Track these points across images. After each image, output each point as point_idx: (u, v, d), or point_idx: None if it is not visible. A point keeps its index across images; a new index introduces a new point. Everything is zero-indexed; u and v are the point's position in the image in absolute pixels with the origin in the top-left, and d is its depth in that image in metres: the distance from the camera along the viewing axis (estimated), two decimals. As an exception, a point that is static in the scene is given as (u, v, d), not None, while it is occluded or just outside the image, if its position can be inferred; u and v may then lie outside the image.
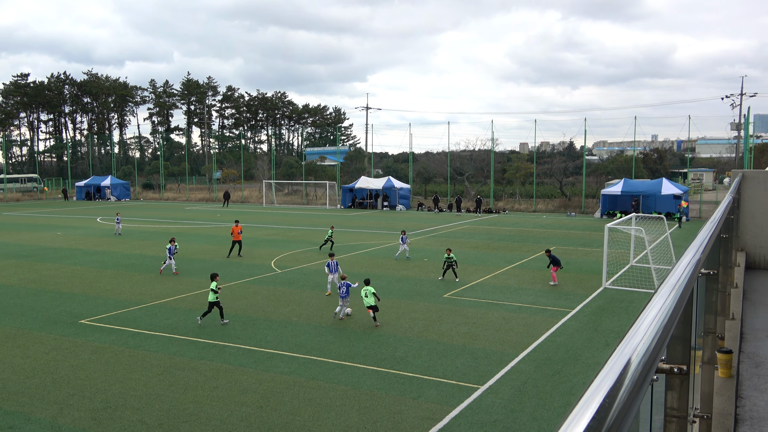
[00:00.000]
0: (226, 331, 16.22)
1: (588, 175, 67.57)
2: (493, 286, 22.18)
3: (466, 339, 15.54)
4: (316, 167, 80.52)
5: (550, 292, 21.28)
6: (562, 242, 35.10)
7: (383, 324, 16.85)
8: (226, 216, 52.88)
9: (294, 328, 16.49)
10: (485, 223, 47.47)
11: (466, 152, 79.11)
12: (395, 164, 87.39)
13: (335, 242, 29.75)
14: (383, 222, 47.42)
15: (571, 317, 17.72)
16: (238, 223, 31.17)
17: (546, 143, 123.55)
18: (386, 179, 62.70)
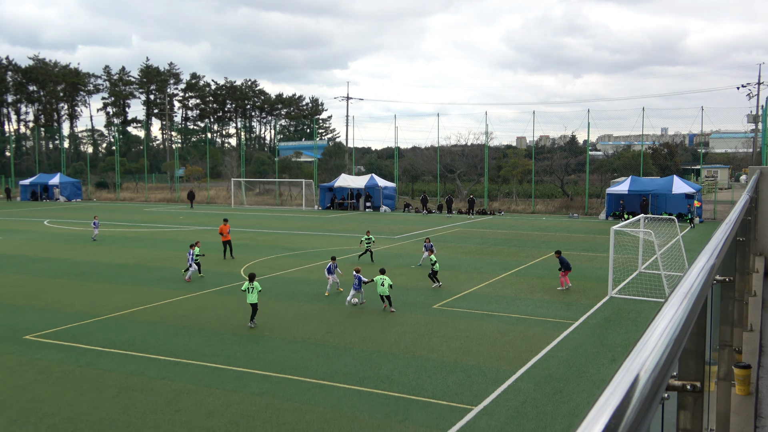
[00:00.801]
0: (190, 347, 16.12)
1: (592, 172, 68.11)
2: (488, 296, 22.25)
3: (458, 354, 15.57)
4: (291, 164, 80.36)
5: (550, 301, 21.39)
6: (563, 246, 35.32)
7: (366, 339, 16.85)
8: (190, 218, 52.59)
9: (266, 344, 16.43)
10: (479, 225, 47.65)
11: (458, 147, 79.36)
12: (379, 161, 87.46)
13: (370, 249, 29.38)
14: (366, 225, 47.42)
15: (574, 329, 17.82)
16: (226, 221, 31.42)
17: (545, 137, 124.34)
18: (369, 177, 62.74)
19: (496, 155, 74.51)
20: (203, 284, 24.18)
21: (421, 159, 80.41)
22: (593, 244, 36.37)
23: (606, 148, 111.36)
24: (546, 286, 24.08)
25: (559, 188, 71.03)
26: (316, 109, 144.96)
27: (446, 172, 72.40)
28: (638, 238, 28.46)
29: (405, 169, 75.98)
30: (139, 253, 32.56)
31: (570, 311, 20.05)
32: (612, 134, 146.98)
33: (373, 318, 19.05)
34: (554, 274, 26.48)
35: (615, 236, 23.25)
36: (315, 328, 17.85)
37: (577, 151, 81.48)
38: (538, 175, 71.41)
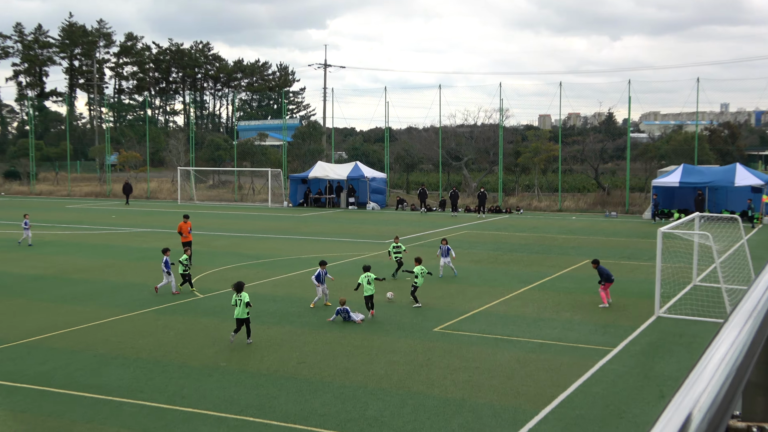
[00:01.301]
0: (124, 382, 16.07)
1: (633, 159, 68.43)
2: (503, 316, 22.29)
3: (465, 390, 15.60)
4: (254, 149, 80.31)
5: (582, 323, 21.46)
6: (598, 254, 35.42)
7: (349, 371, 16.85)
8: (125, 217, 52.45)
9: (222, 377, 16.40)
10: (491, 226, 47.75)
11: (465, 128, 79.55)
12: (365, 145, 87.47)
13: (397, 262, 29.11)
14: (349, 226, 47.42)
15: (612, 358, 17.88)
16: (187, 219, 31.62)
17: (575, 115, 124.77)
18: (353, 166, 62.80)
19: (513, 138, 74.80)
20: (141, 301, 24.11)
21: (418, 143, 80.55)
22: (636, 250, 36.49)
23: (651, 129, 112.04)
24: (576, 303, 24.14)
25: (592, 180, 71.32)
26: (285, 79, 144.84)
27: (450, 160, 72.54)
28: (692, 242, 28.59)
29: (398, 155, 76.09)
30: (60, 261, 32.41)
31: (607, 335, 20.12)
32: (659, 112, 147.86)
33: (359, 344, 19.04)
34: (587, 287, 26.55)
35: (663, 240, 23.34)
36: (284, 357, 17.83)
37: (616, 132, 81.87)
38: (566, 163, 71.60)
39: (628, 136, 62.40)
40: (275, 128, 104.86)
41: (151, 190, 76.51)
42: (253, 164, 78.85)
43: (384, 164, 69.67)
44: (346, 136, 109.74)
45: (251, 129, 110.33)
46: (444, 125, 71.94)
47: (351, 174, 61.55)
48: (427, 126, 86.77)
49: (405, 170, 77.97)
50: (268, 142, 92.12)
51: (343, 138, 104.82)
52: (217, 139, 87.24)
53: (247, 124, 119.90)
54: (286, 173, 69.47)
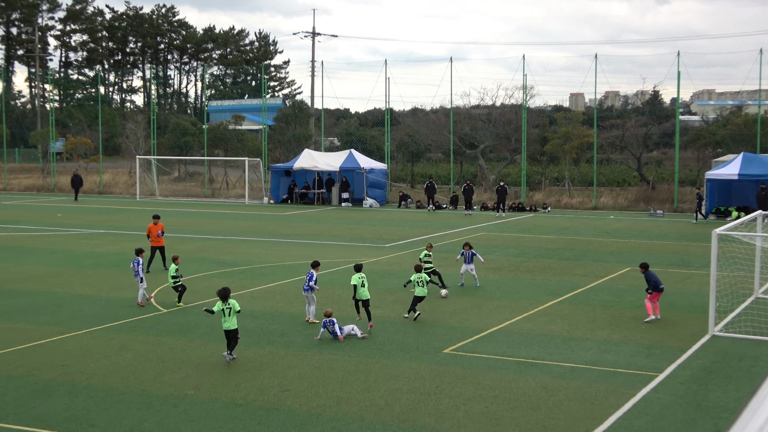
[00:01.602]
0: (72, 413, 16.05)
1: (684, 147, 68.40)
2: (527, 335, 22.28)
3: (481, 424, 15.61)
4: (228, 134, 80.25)
5: (621, 343, 21.45)
6: (642, 260, 35.35)
7: (342, 400, 16.84)
8: (73, 215, 52.44)
9: (189, 408, 16.39)
10: (513, 227, 47.75)
11: (481, 109, 79.51)
12: (361, 130, 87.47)
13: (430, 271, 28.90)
14: (342, 227, 47.41)
15: (657, 385, 17.87)
16: (158, 219, 31.98)
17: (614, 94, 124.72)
18: (347, 155, 62.82)
19: (539, 121, 74.75)
20: (94, 317, 24.09)
21: (425, 127, 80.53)
22: (686, 256, 36.46)
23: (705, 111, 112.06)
24: (615, 319, 24.13)
25: (634, 171, 71.30)
26: (265, 51, 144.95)
27: (464, 148, 72.56)
28: (754, 246, 28.57)
29: (401, 142, 76.10)
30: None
31: (651, 358, 20.10)
32: (714, 90, 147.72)
33: (353, 368, 19.03)
34: (627, 300, 26.55)
35: (719, 244, 23.32)
36: (264, 385, 17.83)
37: (662, 115, 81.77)
38: (603, 151, 71.59)
39: (677, 119, 62.33)
40: (253, 109, 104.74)
41: (105, 183, 76.47)
42: (227, 152, 78.77)
43: (384, 153, 69.68)
44: (339, 118, 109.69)
45: (224, 110, 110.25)
46: (456, 106, 72.00)
47: (344, 164, 61.55)
48: (436, 107, 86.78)
49: (409, 160, 77.99)
50: (244, 125, 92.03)
51: (335, 121, 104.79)
52: (183, 123, 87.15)
53: (220, 105, 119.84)
54: (267, 163, 69.44)
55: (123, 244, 39.21)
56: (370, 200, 61.05)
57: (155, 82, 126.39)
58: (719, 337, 22.06)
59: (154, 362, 19.52)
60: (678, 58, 58.13)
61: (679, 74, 58.39)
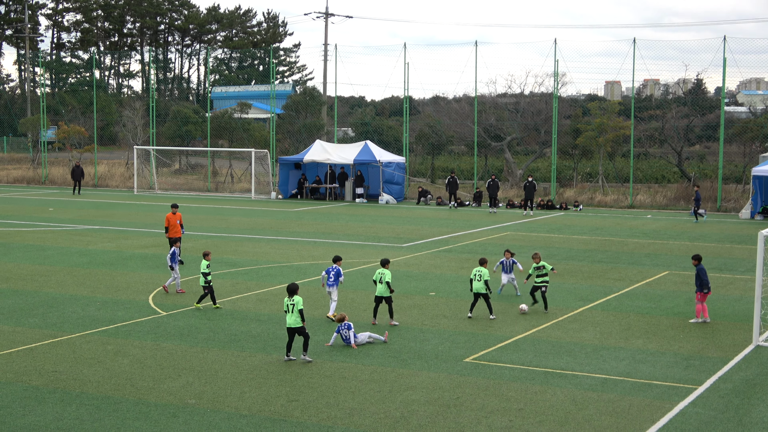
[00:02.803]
0: (64, 423, 16.12)
1: (729, 140, 68.13)
2: (555, 343, 22.28)
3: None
4: (233, 123, 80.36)
5: (658, 353, 21.42)
6: (681, 264, 35.31)
7: (354, 412, 16.88)
8: (68, 211, 52.58)
9: (189, 418, 16.47)
10: (542, 227, 47.66)
11: (508, 98, 79.37)
12: (378, 119, 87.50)
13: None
14: (356, 225, 47.42)
15: (696, 399, 17.84)
16: (176, 209, 32.52)
17: (653, 83, 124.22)
18: (362, 146, 62.80)
19: (571, 112, 74.57)
20: (88, 320, 24.19)
21: (447, 117, 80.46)
22: (729, 259, 36.34)
23: (753, 101, 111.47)
24: (651, 327, 24.09)
25: (674, 167, 71.04)
26: (274, 33, 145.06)
27: (489, 140, 72.48)
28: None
29: (421, 133, 76.04)
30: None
31: (690, 369, 20.08)
32: (763, 78, 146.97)
33: (367, 377, 19.07)
34: (665, 307, 26.50)
35: (766, 246, 23.25)
36: (271, 394, 17.89)
37: (706, 105, 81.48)
38: (641, 144, 71.34)
39: (722, 111, 62.07)
40: (261, 96, 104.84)
41: (100, 175, 76.68)
42: (232, 143, 78.93)
43: (402, 145, 69.60)
44: (353, 107, 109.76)
45: (230, 97, 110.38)
46: (481, 94, 71.95)
47: (359, 157, 61.56)
48: (459, 95, 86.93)
49: (429, 153, 77.93)
50: (251, 114, 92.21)
51: (349, 110, 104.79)
52: (185, 110, 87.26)
53: (225, 91, 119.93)
54: (275, 155, 69.50)
55: (119, 242, 39.35)
56: (386, 196, 61.04)
57: (155, 66, 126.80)
58: (764, 347, 22.00)
59: (153, 369, 19.59)
60: (724, 44, 57.91)
61: (725, 61, 58.16)
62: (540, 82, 77.79)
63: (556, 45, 62.68)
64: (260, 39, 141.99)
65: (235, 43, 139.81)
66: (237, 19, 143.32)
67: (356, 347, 21.45)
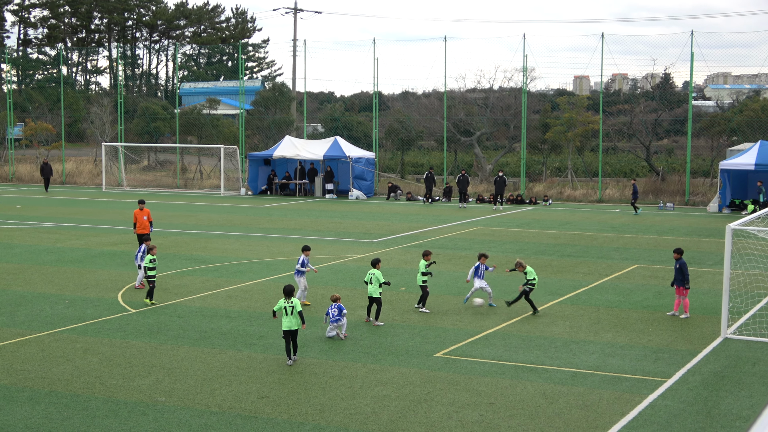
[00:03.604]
0: (33, 421, 16.04)
1: (697, 134, 68.55)
2: (525, 337, 22.35)
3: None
4: (202, 119, 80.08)
5: (627, 346, 21.53)
6: (649, 257, 35.51)
7: (325, 408, 16.87)
8: (35, 208, 52.25)
9: (159, 416, 16.41)
10: (511, 222, 47.79)
11: (478, 93, 79.48)
12: (347, 115, 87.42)
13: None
14: (326, 221, 47.39)
15: (665, 392, 17.95)
16: (143, 205, 32.60)
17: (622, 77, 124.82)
18: (331, 142, 62.73)
19: (540, 106, 74.83)
20: (55, 318, 24.04)
21: (416, 112, 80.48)
22: (698, 253, 36.57)
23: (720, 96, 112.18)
24: (620, 320, 24.21)
25: (642, 161, 71.42)
26: (243, 28, 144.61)
27: (458, 135, 72.59)
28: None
29: (390, 128, 76.08)
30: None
31: (659, 362, 20.19)
32: (730, 73, 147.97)
33: (338, 373, 19.06)
34: (634, 300, 26.66)
35: (733, 240, 23.40)
36: (241, 391, 17.85)
37: (674, 100, 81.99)
38: (609, 139, 71.67)
39: (689, 105, 62.40)
40: (229, 92, 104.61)
41: (68, 172, 76.24)
42: (201, 139, 78.62)
43: (372, 140, 69.59)
44: (323, 102, 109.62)
45: (198, 93, 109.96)
46: (450, 89, 72.03)
47: (329, 153, 61.49)
48: (429, 90, 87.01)
49: (399, 148, 77.95)
50: (220, 110, 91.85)
51: (318, 106, 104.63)
52: (153, 107, 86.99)
53: (193, 87, 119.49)
54: (244, 151, 69.35)
55: (87, 239, 39.14)
56: (356, 192, 61.04)
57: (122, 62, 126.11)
58: (732, 340, 22.16)
59: (122, 366, 19.51)
60: (692, 38, 58.26)
61: (693, 55, 58.51)
62: (509, 77, 78.15)
63: (525, 40, 62.84)
64: (229, 35, 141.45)
65: (204, 39, 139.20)
66: (205, 15, 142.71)
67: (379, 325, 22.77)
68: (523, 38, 62.81)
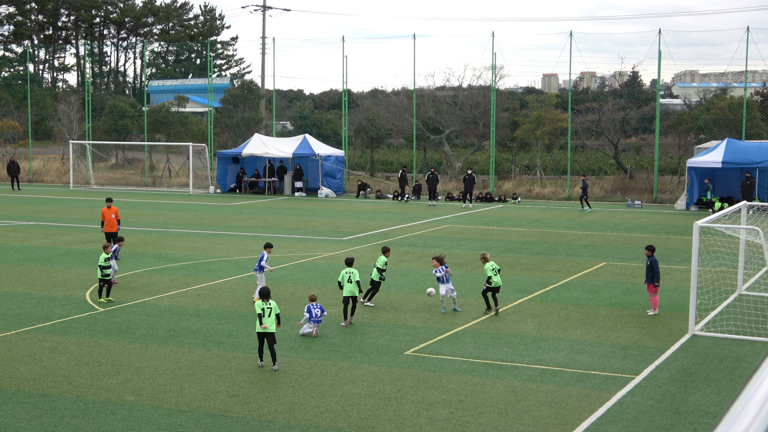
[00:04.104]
0: (0, 420, 15.93)
1: (665, 132, 68.94)
2: (495, 335, 22.41)
3: (446, 431, 15.70)
4: (170, 117, 79.72)
5: (596, 343, 21.63)
6: (618, 255, 35.70)
7: (295, 407, 16.85)
8: (1, 206, 51.91)
9: (128, 415, 16.33)
10: (480, 219, 47.90)
11: (447, 91, 79.54)
12: (317, 113, 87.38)
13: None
14: (295, 219, 47.34)
15: (633, 389, 18.04)
16: (111, 203, 32.58)
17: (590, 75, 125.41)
18: (300, 140, 62.65)
19: (509, 104, 74.94)
20: (22, 317, 23.90)
21: (386, 110, 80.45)
22: (665, 250, 36.79)
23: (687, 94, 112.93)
24: (589, 317, 24.33)
25: (610, 159, 71.72)
26: (211, 26, 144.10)
27: (428, 133, 72.65)
28: (738, 240, 28.89)
29: (360, 126, 76.03)
30: None
31: (627, 359, 20.30)
32: (697, 71, 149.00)
33: (308, 371, 19.04)
34: (603, 298, 26.80)
35: (701, 237, 23.54)
36: (211, 390, 17.80)
37: (642, 98, 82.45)
38: (578, 137, 71.95)
39: (657, 103, 62.78)
40: (198, 90, 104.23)
41: (35, 170, 75.72)
42: (170, 137, 78.28)
43: (341, 138, 69.57)
44: (292, 100, 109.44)
45: (166, 91, 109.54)
46: (419, 87, 71.99)
47: (298, 151, 61.42)
48: (398, 88, 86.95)
49: (368, 146, 77.92)
50: (188, 108, 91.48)
51: (287, 103, 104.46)
52: (121, 104, 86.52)
53: (161, 85, 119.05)
54: (213, 149, 69.12)
55: (55, 237, 38.91)
56: (325, 189, 60.97)
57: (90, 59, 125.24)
58: (700, 336, 22.30)
59: (90, 366, 19.41)
60: (659, 36, 58.59)
61: (660, 54, 58.83)
62: (478, 75, 78.24)
63: (494, 38, 62.98)
64: (197, 32, 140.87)
65: (172, 37, 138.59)
66: (173, 12, 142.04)
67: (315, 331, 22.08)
68: (492, 36, 62.98)
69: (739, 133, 58.45)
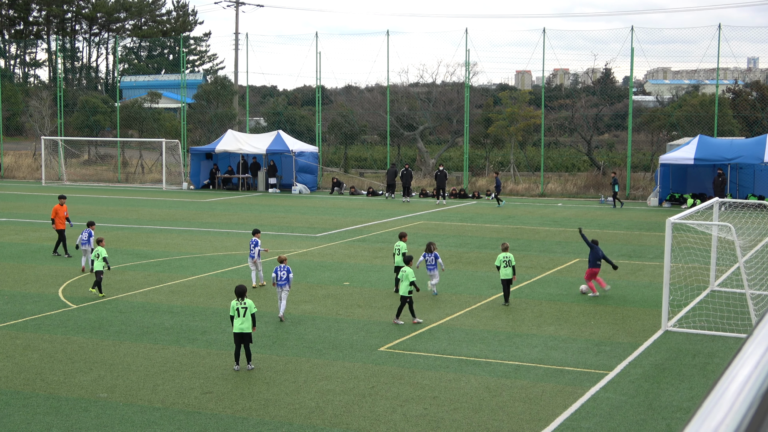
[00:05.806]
0: (-28, 420, 15.85)
1: (637, 129, 69.27)
2: (469, 331, 22.46)
3: (420, 427, 15.71)
4: (143, 113, 79.39)
5: (570, 339, 21.71)
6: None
7: (269, 403, 16.85)
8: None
9: (101, 413, 16.27)
10: (454, 216, 47.97)
11: (420, 88, 79.67)
12: (290, 109, 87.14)
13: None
14: (269, 216, 47.28)
15: (607, 384, 18.13)
16: (63, 200, 32.87)
17: (563, 72, 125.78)
18: (274, 136, 62.59)
19: (482, 101, 75.14)
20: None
21: (359, 106, 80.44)
22: (638, 246, 36.97)
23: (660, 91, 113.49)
24: (562, 313, 24.42)
25: (584, 156, 72.04)
26: (184, 21, 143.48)
27: (401, 129, 72.68)
28: (710, 236, 29.07)
29: (334, 123, 75.94)
30: None
31: (601, 355, 20.40)
32: (670, 68, 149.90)
33: (282, 368, 19.03)
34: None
35: (673, 233, 23.68)
36: (184, 386, 17.77)
37: (614, 95, 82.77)
38: (551, 133, 72.18)
39: (630, 100, 63.07)
40: (171, 86, 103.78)
41: (6, 166, 75.22)
42: (142, 133, 78.01)
43: (315, 134, 69.50)
44: (265, 96, 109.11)
45: (139, 87, 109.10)
46: (393, 84, 72.13)
47: (271, 147, 61.33)
48: (372, 85, 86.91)
49: (342, 142, 77.87)
50: (161, 104, 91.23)
51: (261, 100, 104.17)
52: (93, 100, 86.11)
53: (134, 81, 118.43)
54: (186, 145, 68.91)
55: (27, 234, 38.70)
56: (299, 186, 60.93)
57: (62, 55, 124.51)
58: (673, 332, 22.43)
59: (63, 363, 19.33)
60: (632, 34, 58.85)
61: (633, 51, 59.09)
62: (452, 72, 78.29)
63: (468, 35, 63.07)
64: (170, 28, 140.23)
65: (144, 32, 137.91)
66: (146, 8, 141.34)
67: (274, 285, 23.20)
68: (465, 33, 63.07)
69: (711, 130, 58.80)
